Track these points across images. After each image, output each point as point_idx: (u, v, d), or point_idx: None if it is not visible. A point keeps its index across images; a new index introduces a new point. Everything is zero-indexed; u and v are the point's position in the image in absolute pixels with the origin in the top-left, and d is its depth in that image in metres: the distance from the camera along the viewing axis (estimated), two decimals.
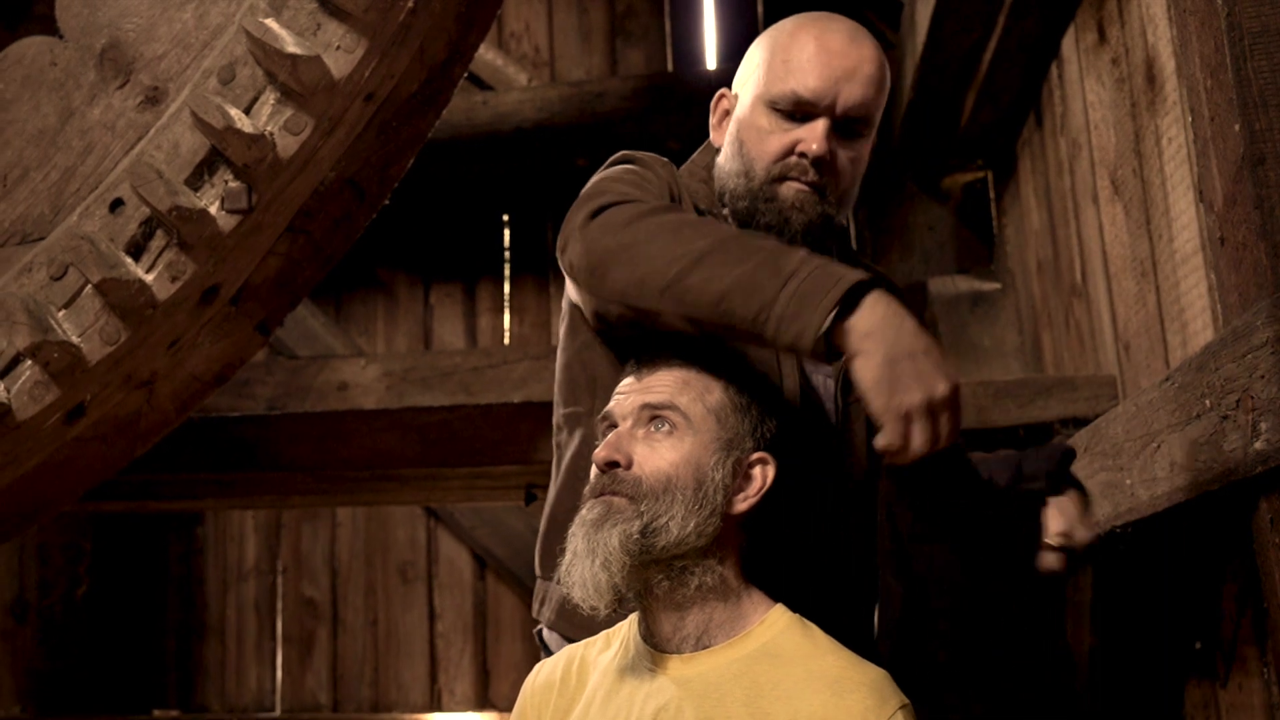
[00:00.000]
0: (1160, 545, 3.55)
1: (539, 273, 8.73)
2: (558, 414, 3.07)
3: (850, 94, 2.86)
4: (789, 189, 2.88)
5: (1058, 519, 2.93)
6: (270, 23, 3.02)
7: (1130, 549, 3.62)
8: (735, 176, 2.95)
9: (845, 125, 2.89)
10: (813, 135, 2.85)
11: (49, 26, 3.34)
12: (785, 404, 2.85)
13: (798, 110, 2.87)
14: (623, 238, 2.60)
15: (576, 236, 2.68)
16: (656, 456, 2.62)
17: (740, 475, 2.64)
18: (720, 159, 3.03)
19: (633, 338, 2.82)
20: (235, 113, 3.04)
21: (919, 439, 2.37)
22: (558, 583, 2.68)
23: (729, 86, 3.05)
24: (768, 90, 2.90)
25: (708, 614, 2.61)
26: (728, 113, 3.04)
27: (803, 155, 2.86)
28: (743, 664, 2.52)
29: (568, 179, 8.33)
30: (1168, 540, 3.49)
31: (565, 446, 3.03)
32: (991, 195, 6.42)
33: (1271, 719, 3.11)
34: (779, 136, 2.89)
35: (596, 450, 2.69)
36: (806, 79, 2.85)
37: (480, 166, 8.26)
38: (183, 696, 9.20)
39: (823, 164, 2.87)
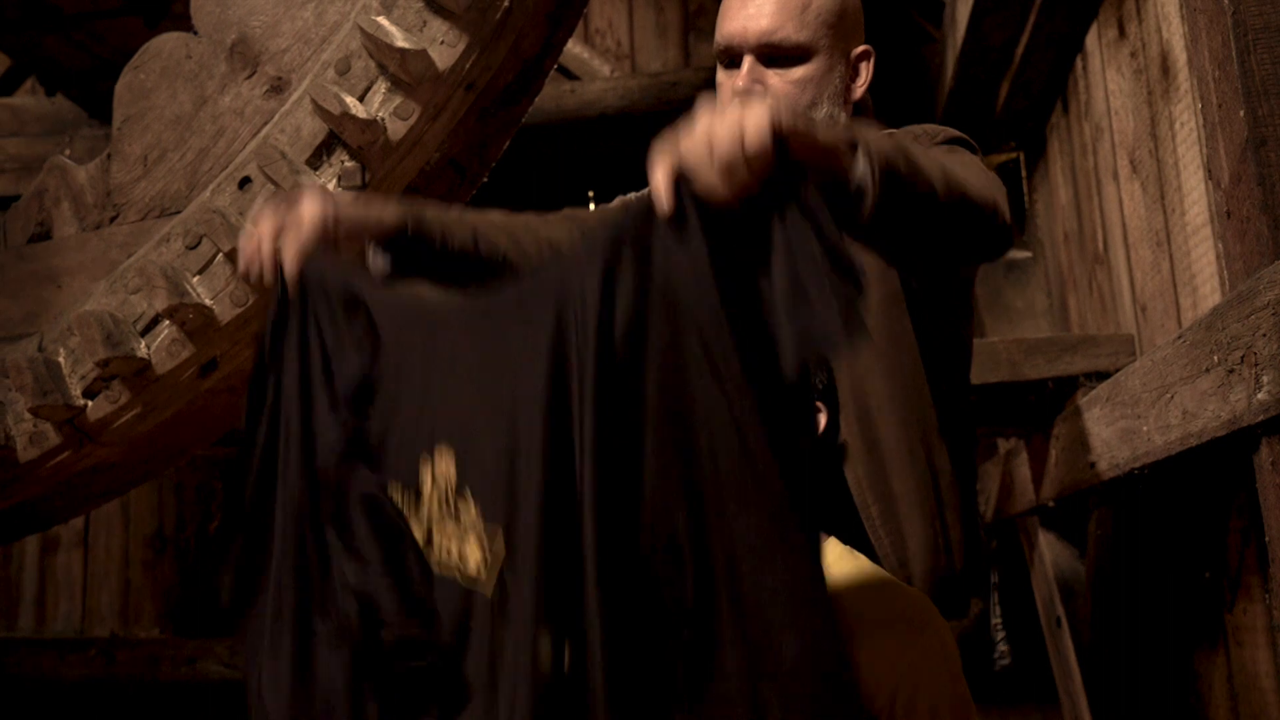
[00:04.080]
0: (1173, 485, 3.54)
1: None
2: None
3: (757, 25, 2.77)
4: None
5: None
6: (382, 20, 3.04)
7: (1147, 489, 3.62)
8: None
9: (771, 56, 2.79)
10: (738, 76, 2.79)
11: (184, 24, 3.37)
12: None
13: (730, 59, 2.84)
14: None
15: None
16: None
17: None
18: None
19: None
20: (351, 100, 3.06)
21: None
22: None
23: None
24: (714, 47, 2.88)
25: None
26: None
27: (734, 92, 2.80)
28: None
29: (646, 159, 8.39)
30: (1181, 480, 3.48)
31: None
32: (1023, 174, 6.38)
33: (1272, 639, 3.12)
34: (725, 85, 2.85)
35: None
36: (724, 26, 2.82)
37: (568, 148, 8.25)
38: None
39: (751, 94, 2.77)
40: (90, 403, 3.29)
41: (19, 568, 9.54)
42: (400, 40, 3.00)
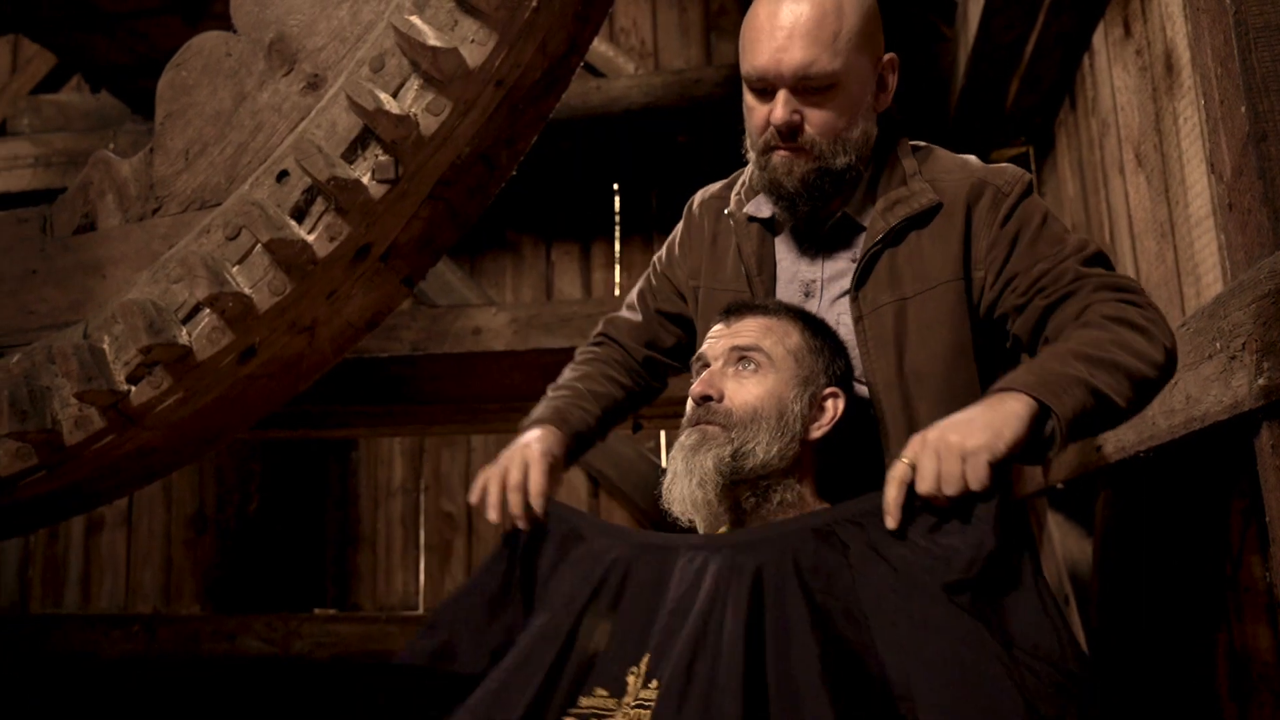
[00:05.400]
0: (1177, 467, 3.54)
1: (645, 234, 8.74)
2: None
3: (791, 61, 2.74)
4: (776, 157, 2.84)
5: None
6: (414, 19, 3.04)
7: (1152, 471, 3.62)
8: (750, 148, 2.93)
9: (804, 88, 2.78)
10: (774, 108, 2.79)
11: (224, 23, 3.37)
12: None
13: (763, 88, 2.81)
14: None
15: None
16: (744, 391, 2.68)
17: (815, 406, 2.70)
18: None
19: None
20: (385, 97, 3.06)
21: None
22: None
23: None
24: (742, 70, 2.85)
25: None
26: None
27: (773, 126, 2.80)
28: None
29: (669, 153, 8.39)
30: (1184, 463, 3.48)
31: None
32: (1033, 167, 6.38)
33: (1272, 615, 3.11)
34: (758, 111, 2.84)
35: (692, 386, 2.74)
36: (756, 58, 2.78)
37: (594, 142, 8.28)
38: (339, 597, 9.28)
39: (791, 129, 2.80)
40: (133, 388, 3.30)
41: (65, 547, 9.61)
42: (432, 39, 3.00)
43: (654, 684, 2.41)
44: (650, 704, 2.37)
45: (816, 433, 2.71)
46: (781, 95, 2.77)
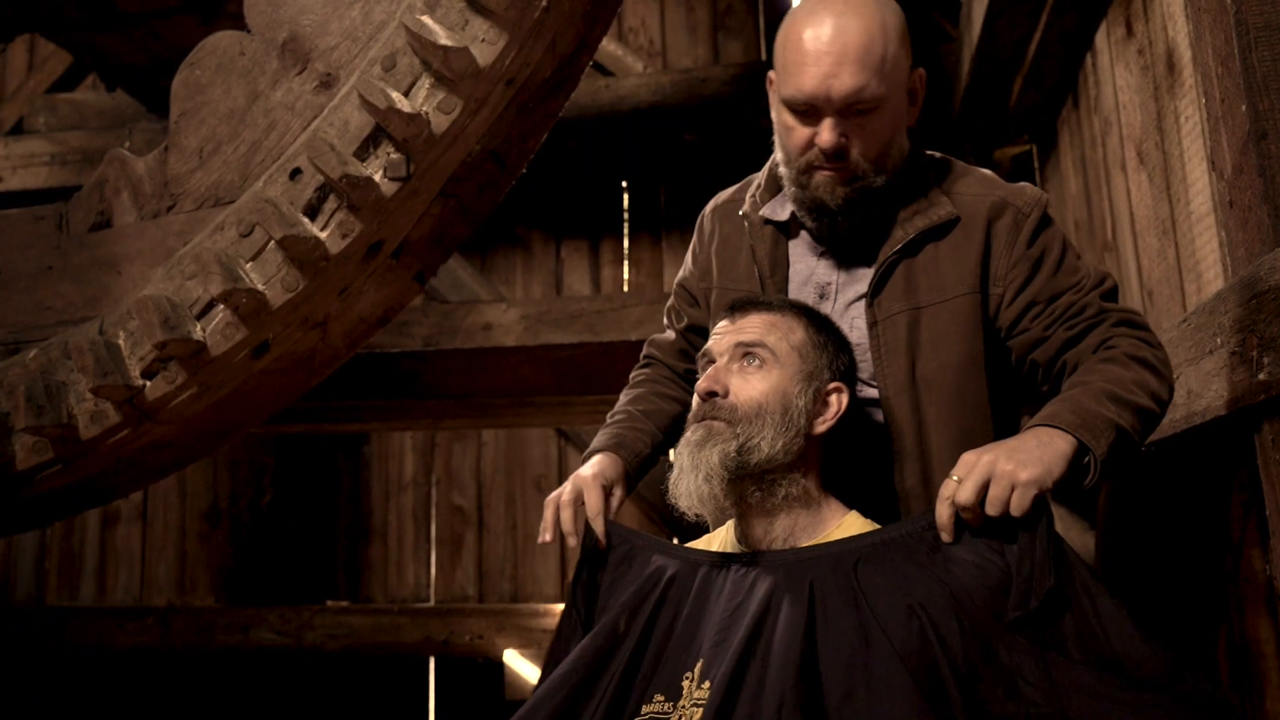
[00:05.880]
0: (1179, 461, 3.54)
1: (653, 231, 8.75)
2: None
3: (842, 86, 2.74)
4: (820, 177, 2.85)
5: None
6: (426, 19, 3.04)
7: (1153, 465, 3.62)
8: (782, 164, 2.95)
9: (849, 111, 2.77)
10: (821, 131, 2.79)
11: (238, 22, 3.38)
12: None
13: (805, 108, 2.80)
14: None
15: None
16: (749, 387, 2.69)
17: (820, 401, 2.71)
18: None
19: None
20: (396, 95, 3.07)
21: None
22: None
23: None
24: (781, 90, 2.86)
25: (793, 519, 2.67)
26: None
27: (820, 149, 2.80)
28: None
29: (676, 151, 8.40)
30: (1185, 457, 3.48)
31: None
32: (1036, 165, 6.40)
33: (1272, 608, 3.12)
34: (799, 132, 2.84)
35: (699, 382, 2.74)
36: (802, 83, 2.77)
37: (603, 140, 8.28)
38: (351, 589, 9.30)
39: (838, 150, 2.80)
40: (148, 383, 3.31)
41: (81, 540, 9.63)
42: (443, 38, 3.01)
43: (706, 685, 2.47)
44: (703, 703, 2.43)
45: (821, 427, 2.72)
46: (829, 120, 2.78)
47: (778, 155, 2.96)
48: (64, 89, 9.07)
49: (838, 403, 2.74)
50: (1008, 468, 2.40)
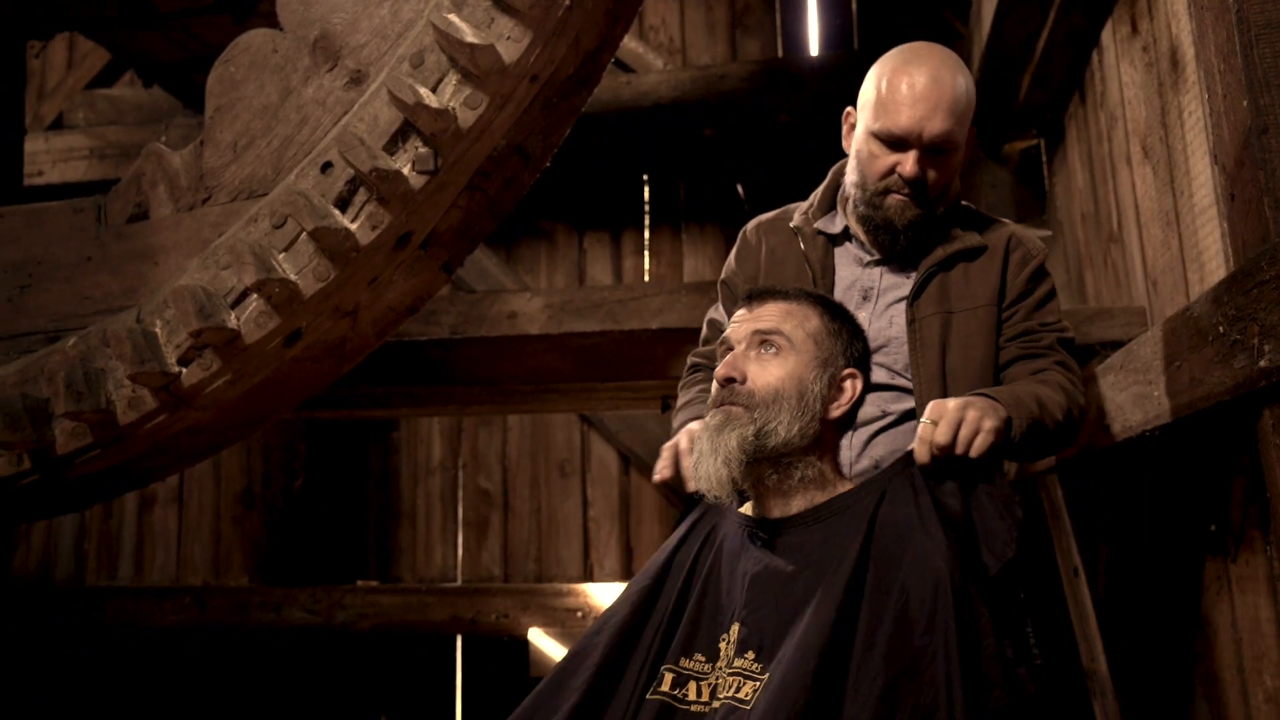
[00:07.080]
0: (1182, 446, 3.55)
1: (673, 223, 8.76)
2: None
3: (933, 128, 3.15)
4: (893, 200, 3.23)
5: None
6: (452, 17, 3.05)
7: (1157, 450, 3.62)
8: (854, 186, 3.30)
9: (932, 149, 3.18)
10: (906, 163, 3.18)
11: (271, 21, 3.39)
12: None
13: (894, 141, 3.16)
14: None
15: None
16: (766, 373, 2.72)
17: (834, 387, 2.75)
18: (847, 165, 3.35)
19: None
20: (424, 91, 3.07)
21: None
22: None
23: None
24: (872, 123, 3.22)
25: (808, 500, 2.69)
26: (852, 128, 3.34)
27: (901, 176, 3.16)
28: None
29: (695, 146, 8.41)
30: (1188, 442, 3.49)
31: None
32: (1044, 159, 6.41)
33: (1273, 589, 3.13)
34: (882, 160, 3.22)
35: (717, 368, 2.77)
36: (899, 119, 3.16)
37: (624, 135, 8.27)
38: (381, 570, 9.31)
39: (916, 181, 3.19)
40: (184, 370, 3.32)
41: (119, 523, 9.66)
42: (470, 36, 3.01)
43: (750, 655, 2.56)
44: (748, 674, 2.53)
45: (836, 412, 2.76)
46: (915, 154, 3.18)
47: (851, 178, 3.32)
48: (102, 85, 9.08)
49: (852, 388, 2.79)
50: (974, 415, 2.75)
